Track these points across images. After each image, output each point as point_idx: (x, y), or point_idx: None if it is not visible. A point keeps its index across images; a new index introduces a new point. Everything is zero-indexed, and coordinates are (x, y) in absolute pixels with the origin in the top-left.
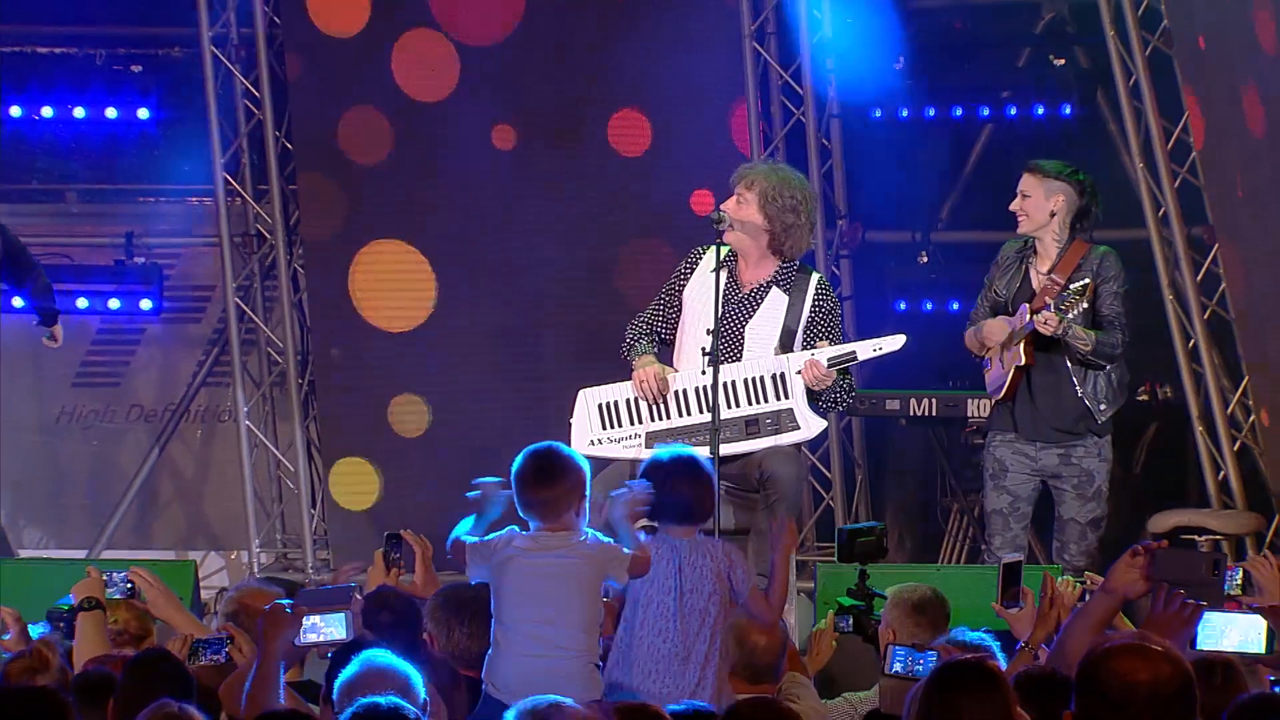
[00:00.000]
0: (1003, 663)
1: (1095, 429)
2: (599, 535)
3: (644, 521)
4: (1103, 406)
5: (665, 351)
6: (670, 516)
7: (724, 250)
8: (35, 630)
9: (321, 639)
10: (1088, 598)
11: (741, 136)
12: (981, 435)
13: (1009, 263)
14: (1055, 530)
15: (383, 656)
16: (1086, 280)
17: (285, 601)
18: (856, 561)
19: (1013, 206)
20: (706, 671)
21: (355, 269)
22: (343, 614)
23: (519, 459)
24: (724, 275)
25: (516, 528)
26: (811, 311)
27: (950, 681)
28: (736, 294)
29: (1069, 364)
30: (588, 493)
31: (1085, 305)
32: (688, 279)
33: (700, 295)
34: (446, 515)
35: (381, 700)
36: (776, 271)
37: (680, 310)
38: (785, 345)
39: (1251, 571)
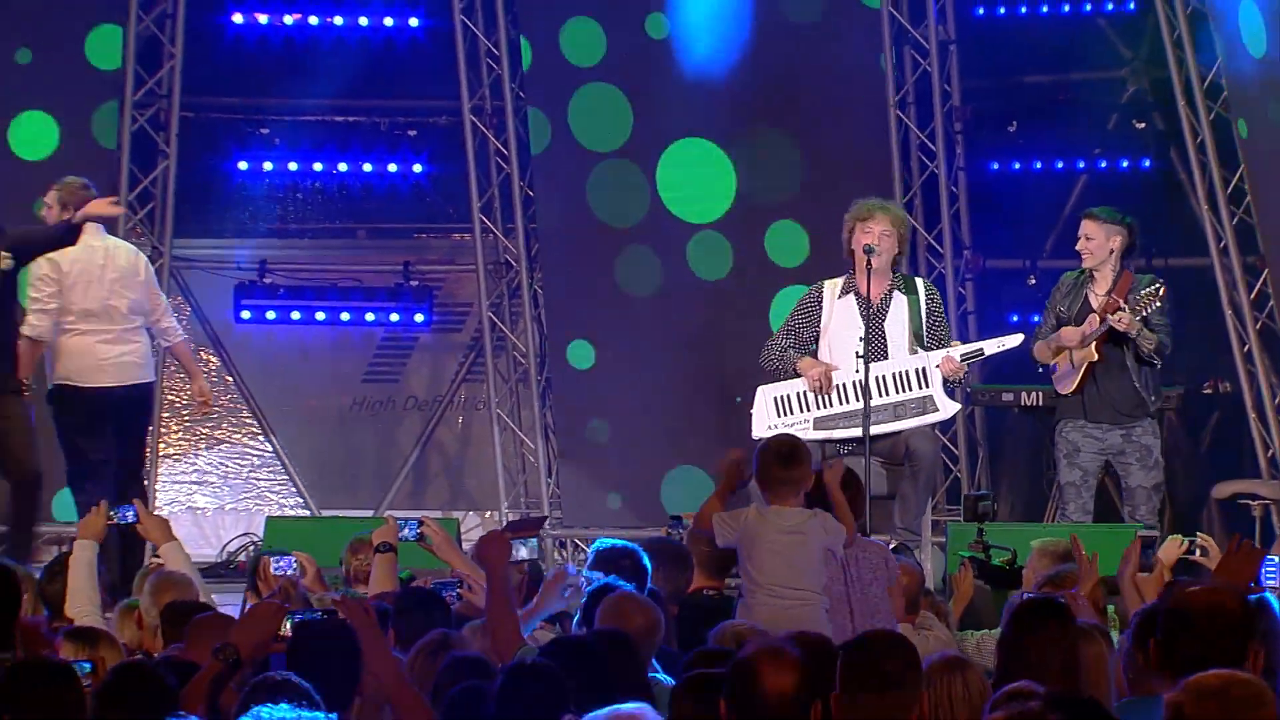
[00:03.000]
0: None
1: (1148, 413)
2: (823, 512)
3: None
4: (1152, 398)
5: None
6: None
7: (842, 279)
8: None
9: (515, 558)
10: (1197, 552)
11: None
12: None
13: (1069, 288)
14: (1125, 498)
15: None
16: (1159, 284)
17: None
18: (976, 521)
19: (1079, 247)
20: None
21: None
22: (533, 539)
23: (764, 445)
24: (854, 297)
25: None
26: (927, 305)
27: (1025, 616)
28: (869, 305)
29: (1128, 361)
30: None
31: (1158, 304)
32: (819, 310)
33: (842, 318)
34: None
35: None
36: (892, 282)
37: (817, 335)
38: (915, 335)
39: None
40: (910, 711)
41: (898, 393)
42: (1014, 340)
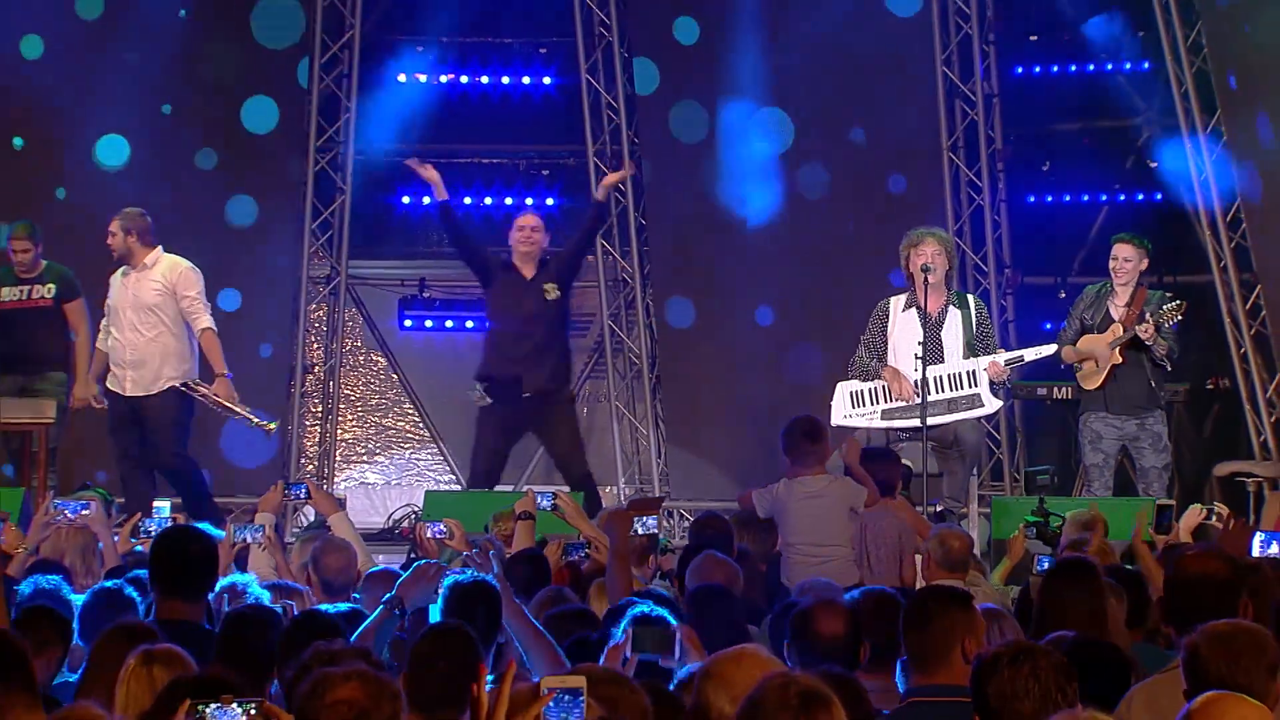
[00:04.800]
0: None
1: (1158, 405)
2: (845, 475)
3: None
4: (1161, 393)
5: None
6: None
7: (904, 295)
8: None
9: (640, 531)
10: (1213, 518)
11: None
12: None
13: (1091, 300)
14: (1139, 477)
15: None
16: (1179, 301)
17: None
18: (1036, 492)
19: (1115, 267)
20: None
21: None
22: (654, 517)
23: (793, 423)
24: (915, 311)
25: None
26: (977, 318)
27: (1058, 572)
28: (929, 319)
29: (1144, 362)
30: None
31: (1180, 317)
32: (888, 323)
33: (905, 327)
34: None
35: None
36: (947, 298)
37: (886, 347)
38: (968, 345)
39: None
40: (953, 646)
41: (951, 390)
42: (1048, 350)
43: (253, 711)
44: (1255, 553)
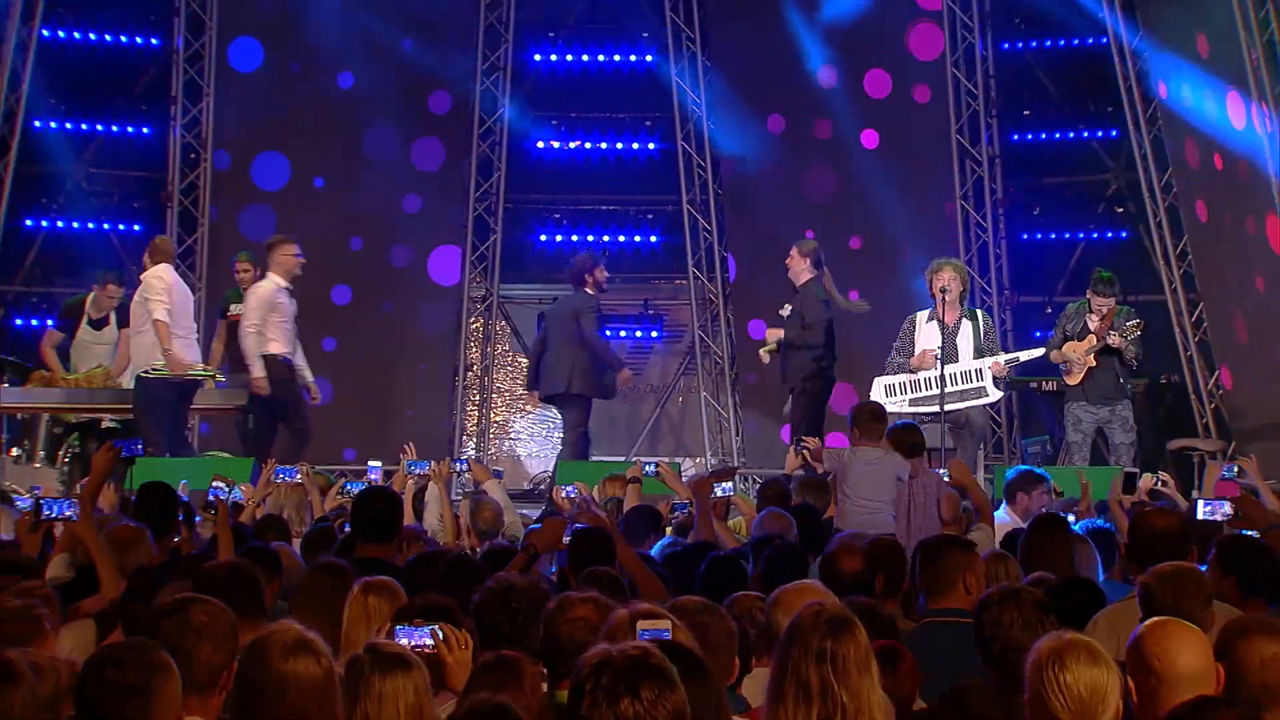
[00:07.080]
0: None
1: (1126, 396)
2: (893, 451)
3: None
4: (1128, 386)
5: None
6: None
7: (927, 311)
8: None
9: (719, 493)
10: (1159, 484)
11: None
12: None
13: (1072, 315)
14: (1111, 451)
15: (775, 510)
16: (1139, 320)
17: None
18: (1028, 461)
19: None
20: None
21: None
22: (729, 482)
23: (860, 405)
24: (936, 322)
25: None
26: (984, 328)
27: (1035, 525)
28: (947, 328)
29: (1115, 364)
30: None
31: (1139, 333)
32: (915, 332)
33: (928, 335)
34: None
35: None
36: (961, 312)
37: (913, 350)
38: (977, 347)
39: (1244, 466)
40: (957, 580)
41: (963, 383)
42: (1039, 352)
43: (436, 630)
44: (1199, 516)
